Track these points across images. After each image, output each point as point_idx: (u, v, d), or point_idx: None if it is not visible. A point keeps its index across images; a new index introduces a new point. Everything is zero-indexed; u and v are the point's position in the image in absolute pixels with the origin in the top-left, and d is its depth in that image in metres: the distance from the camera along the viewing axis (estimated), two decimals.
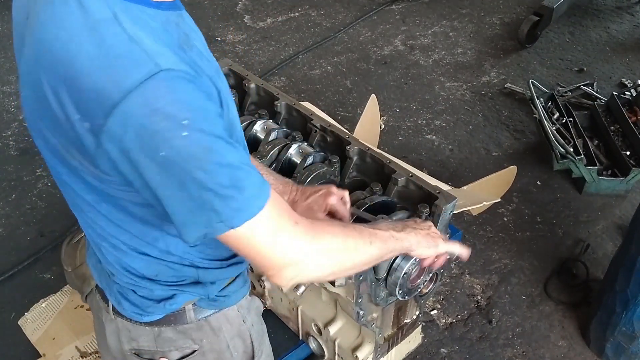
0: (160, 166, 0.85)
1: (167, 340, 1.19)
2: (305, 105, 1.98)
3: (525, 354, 2.41)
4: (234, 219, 0.91)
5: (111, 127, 0.83)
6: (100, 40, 0.84)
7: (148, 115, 0.83)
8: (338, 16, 4.73)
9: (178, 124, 0.84)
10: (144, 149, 0.84)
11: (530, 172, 3.25)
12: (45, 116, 0.91)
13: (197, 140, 0.85)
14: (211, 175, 0.87)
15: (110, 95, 0.83)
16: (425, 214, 1.51)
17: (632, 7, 4.80)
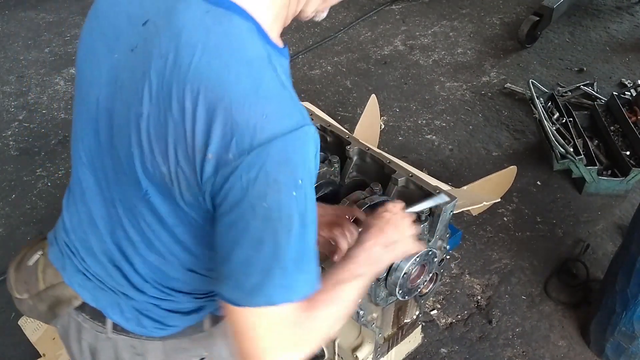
0: (254, 215, 0.85)
1: (179, 351, 1.16)
2: (305, 105, 1.98)
3: (525, 354, 2.41)
4: (278, 295, 0.89)
5: (243, 165, 0.83)
6: (258, 78, 0.84)
7: (279, 164, 0.84)
8: (338, 16, 4.73)
9: (295, 181, 0.85)
10: (252, 193, 0.84)
11: (530, 172, 3.25)
12: (168, 139, 0.88)
13: (299, 204, 0.87)
14: (289, 243, 0.87)
15: (254, 134, 0.82)
16: (425, 214, 1.51)
17: (632, 7, 4.80)
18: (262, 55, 0.86)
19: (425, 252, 1.50)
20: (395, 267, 1.47)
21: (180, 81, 0.85)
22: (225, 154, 0.83)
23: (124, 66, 0.93)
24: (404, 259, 1.47)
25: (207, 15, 0.86)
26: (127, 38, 0.93)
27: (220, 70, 0.84)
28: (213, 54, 0.84)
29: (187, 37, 0.86)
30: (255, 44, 0.86)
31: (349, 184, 1.73)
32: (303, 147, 0.86)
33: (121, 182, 0.98)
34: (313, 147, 0.88)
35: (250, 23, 0.87)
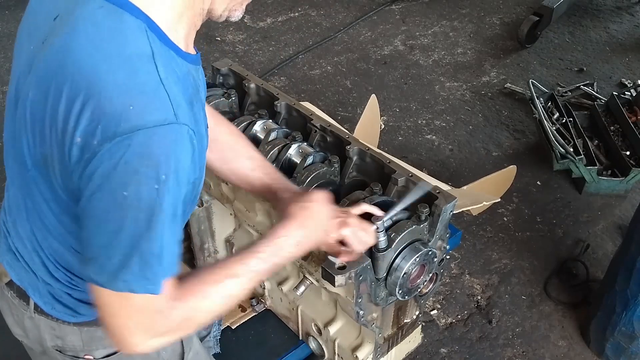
0: (114, 202, 0.88)
1: (95, 339, 1.19)
2: (305, 105, 1.98)
3: (525, 354, 2.41)
4: (139, 286, 0.93)
5: (104, 151, 0.86)
6: (133, 73, 0.88)
7: (140, 156, 0.86)
8: (338, 16, 4.73)
9: (157, 176, 0.88)
10: (113, 180, 0.87)
11: (530, 172, 3.25)
12: (45, 120, 0.92)
13: (161, 198, 0.89)
14: (150, 235, 0.90)
15: (119, 123, 0.85)
16: (425, 214, 1.50)
17: (632, 7, 4.80)
18: (144, 52, 0.89)
19: (425, 252, 1.50)
20: (396, 267, 1.47)
21: (60, 67, 0.90)
22: (91, 140, 0.87)
23: (34, 56, 0.98)
24: (404, 259, 1.47)
25: (99, 10, 0.91)
26: (41, 31, 0.99)
27: (98, 61, 0.88)
28: (94, 45, 0.89)
29: (76, 29, 0.91)
30: (139, 41, 0.90)
31: (349, 184, 1.73)
32: (169, 143, 0.88)
33: (21, 167, 1.03)
34: (183, 147, 0.90)
35: (140, 21, 0.91)
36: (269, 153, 1.69)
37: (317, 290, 1.79)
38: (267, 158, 1.69)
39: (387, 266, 1.47)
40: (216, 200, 1.93)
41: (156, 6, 0.93)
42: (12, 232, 1.15)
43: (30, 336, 1.24)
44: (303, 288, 1.61)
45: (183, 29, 0.99)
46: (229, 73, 2.06)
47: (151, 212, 0.89)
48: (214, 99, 1.88)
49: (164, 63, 0.91)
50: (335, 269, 1.36)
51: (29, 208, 1.07)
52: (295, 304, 1.91)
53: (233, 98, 1.92)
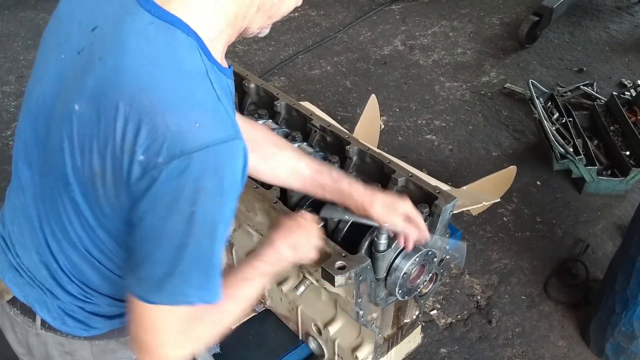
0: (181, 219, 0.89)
1: (107, 352, 1.18)
2: (305, 105, 1.98)
3: (525, 354, 2.41)
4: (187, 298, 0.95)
5: (171, 169, 0.87)
6: (193, 90, 0.89)
7: (208, 172, 0.88)
8: (338, 16, 4.73)
9: (222, 191, 0.90)
10: (182, 197, 0.88)
11: (530, 172, 3.25)
12: (99, 136, 0.91)
13: (223, 211, 0.92)
14: (212, 248, 0.93)
15: (186, 141, 0.86)
16: (425, 214, 1.51)
17: (632, 7, 4.80)
18: (200, 69, 0.91)
19: (425, 252, 1.50)
20: (395, 267, 1.47)
21: (116, 83, 0.89)
22: (156, 158, 0.87)
23: (69, 66, 0.97)
24: (404, 259, 1.47)
25: (150, 26, 0.90)
26: (75, 41, 0.97)
27: (157, 77, 0.88)
28: (151, 62, 0.89)
29: (128, 44, 0.90)
30: (194, 58, 0.91)
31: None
32: (233, 159, 0.91)
33: (50, 177, 1.01)
34: (242, 161, 0.93)
35: (192, 38, 0.91)
36: None
37: (317, 290, 1.79)
38: None
39: (387, 266, 1.47)
40: None
41: (203, 23, 0.93)
42: (17, 245, 1.12)
43: (35, 353, 1.22)
44: (303, 288, 1.62)
45: (221, 45, 0.99)
46: None
47: (215, 227, 0.92)
48: None
49: (215, 79, 0.92)
50: (335, 269, 1.37)
51: (45, 218, 1.05)
52: (295, 304, 1.91)
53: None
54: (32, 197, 1.06)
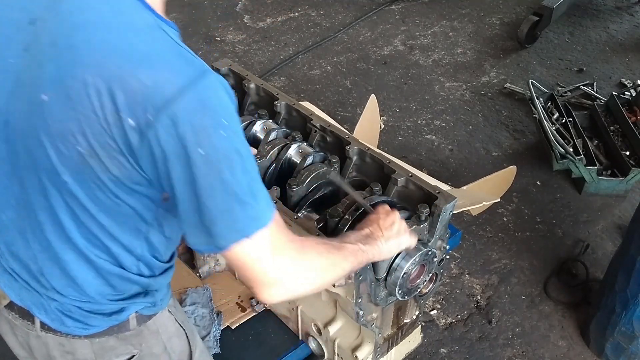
0: (195, 164, 0.90)
1: (107, 349, 1.18)
2: (305, 105, 1.98)
3: (525, 354, 2.41)
4: (249, 227, 0.96)
5: (163, 121, 0.87)
6: (152, 42, 0.91)
7: (199, 112, 0.88)
8: (338, 16, 4.73)
9: (220, 122, 0.91)
10: (187, 144, 0.88)
11: (530, 172, 3.25)
12: (77, 117, 0.90)
13: (231, 141, 0.92)
14: (236, 178, 0.93)
15: (164, 90, 0.87)
16: (425, 214, 1.51)
17: (632, 7, 4.80)
18: (150, 23, 0.92)
19: (425, 252, 1.50)
20: (395, 267, 1.47)
21: (77, 60, 0.89)
22: (144, 116, 0.87)
23: (21, 67, 0.95)
24: (404, 259, 1.47)
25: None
26: (17, 41, 0.96)
27: (114, 41, 0.89)
28: (104, 29, 0.90)
29: (74, 20, 0.91)
30: (141, 15, 0.93)
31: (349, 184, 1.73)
32: (215, 91, 0.92)
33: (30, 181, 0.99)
34: (223, 90, 0.93)
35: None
36: (268, 153, 1.69)
37: None
38: (267, 158, 1.69)
39: (387, 266, 1.47)
40: None
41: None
42: (7, 253, 1.11)
43: (37, 355, 1.21)
44: None
45: (160, 3, 1.01)
46: (229, 73, 2.06)
47: (232, 158, 0.92)
48: None
49: (167, 30, 0.94)
50: None
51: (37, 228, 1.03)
52: (295, 304, 1.91)
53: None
54: (17, 209, 1.04)
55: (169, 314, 1.27)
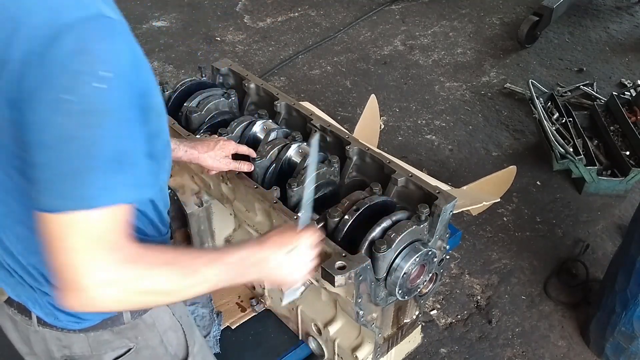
0: (59, 110, 0.82)
1: (103, 343, 1.18)
2: (305, 105, 1.98)
3: (525, 354, 2.41)
4: (95, 198, 0.84)
5: (40, 59, 0.81)
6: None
7: (76, 53, 0.81)
8: (338, 16, 4.73)
9: (97, 73, 0.82)
10: (55, 85, 0.81)
11: (530, 172, 3.25)
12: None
13: (104, 97, 0.83)
14: (98, 140, 0.83)
15: (48, 30, 0.81)
16: (425, 214, 1.51)
17: (632, 7, 4.80)
18: None
19: (425, 252, 1.50)
20: (395, 267, 1.47)
21: None
22: (28, 56, 0.82)
23: None
24: (404, 259, 1.47)
25: None
26: None
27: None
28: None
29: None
30: None
31: (349, 184, 1.73)
32: (104, 37, 0.83)
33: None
34: (120, 41, 0.85)
35: None
36: (268, 153, 1.69)
37: (317, 290, 1.79)
38: (267, 158, 1.69)
39: (387, 266, 1.47)
40: (216, 200, 1.93)
41: None
42: (1, 249, 1.10)
43: (37, 351, 1.22)
44: (303, 288, 1.61)
45: None
46: (229, 73, 2.06)
47: (97, 114, 0.83)
48: (214, 99, 1.88)
49: None
50: (335, 269, 1.37)
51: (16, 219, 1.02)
52: (295, 304, 1.91)
53: (233, 98, 1.92)
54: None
55: (166, 308, 1.27)
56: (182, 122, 1.85)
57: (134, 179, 0.89)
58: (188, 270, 0.98)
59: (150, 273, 0.93)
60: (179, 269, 0.97)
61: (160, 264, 0.95)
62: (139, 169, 0.90)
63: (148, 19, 4.65)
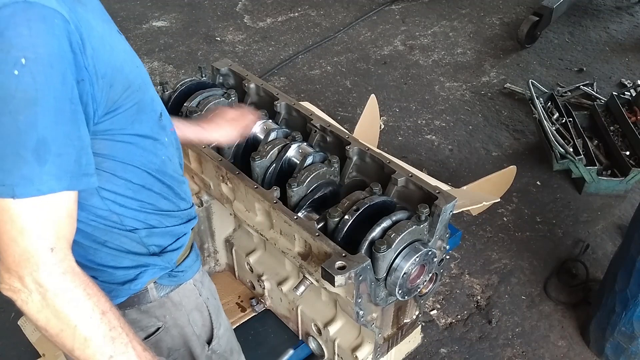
0: None
1: (131, 322, 1.16)
2: (304, 105, 1.98)
3: (525, 354, 2.41)
4: (18, 187, 0.82)
5: None
6: None
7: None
8: (338, 16, 4.73)
9: (14, 59, 0.80)
10: None
11: (530, 172, 3.25)
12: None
13: (25, 84, 0.81)
14: (19, 128, 0.81)
15: None
16: (425, 214, 1.51)
17: (632, 7, 4.80)
18: None
19: (425, 252, 1.50)
20: (395, 267, 1.47)
21: None
22: None
23: None
24: (404, 259, 1.47)
25: None
26: None
27: None
28: None
29: None
30: None
31: (349, 184, 1.73)
32: (24, 22, 0.81)
33: None
34: (43, 27, 0.82)
35: None
36: (268, 153, 1.69)
37: (317, 290, 1.79)
38: (267, 158, 1.69)
39: (387, 266, 1.47)
40: (216, 200, 1.93)
41: None
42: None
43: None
44: (303, 288, 1.62)
45: None
46: (229, 73, 2.06)
47: (14, 101, 0.81)
48: (214, 99, 1.88)
49: None
50: (335, 269, 1.37)
51: None
52: (295, 304, 1.91)
53: (233, 98, 1.92)
54: None
55: (193, 287, 1.28)
56: None
57: (57, 170, 0.86)
58: (114, 332, 0.94)
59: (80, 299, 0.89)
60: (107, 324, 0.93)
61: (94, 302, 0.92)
62: (66, 159, 0.87)
63: (148, 19, 4.65)
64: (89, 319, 0.91)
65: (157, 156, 1.12)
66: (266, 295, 2.05)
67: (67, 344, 0.91)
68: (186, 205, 1.24)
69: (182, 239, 1.23)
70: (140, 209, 1.12)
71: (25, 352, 2.28)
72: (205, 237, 2.08)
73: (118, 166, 1.04)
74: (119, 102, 0.99)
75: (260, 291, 2.07)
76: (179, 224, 1.21)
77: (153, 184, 1.13)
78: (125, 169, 1.06)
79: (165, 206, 1.17)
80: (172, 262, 1.20)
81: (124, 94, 1.00)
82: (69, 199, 0.89)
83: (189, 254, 1.27)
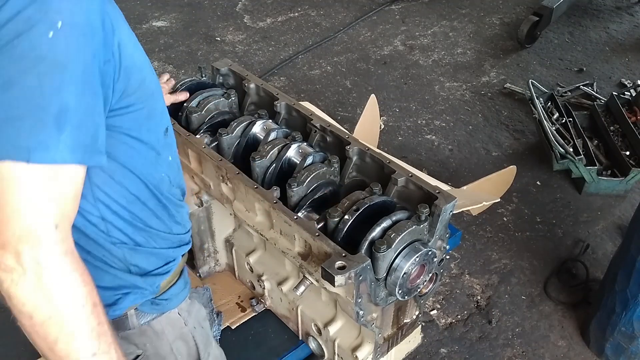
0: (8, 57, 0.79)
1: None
2: (304, 105, 1.98)
3: (525, 354, 2.41)
4: (34, 151, 0.79)
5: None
6: None
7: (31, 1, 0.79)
8: (338, 16, 4.73)
9: (51, 21, 0.79)
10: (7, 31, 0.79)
11: (530, 172, 3.25)
12: None
13: (57, 48, 0.80)
14: (44, 92, 0.79)
15: None
16: (425, 214, 1.51)
17: (632, 7, 4.80)
18: None
19: (425, 252, 1.50)
20: (395, 267, 1.47)
21: None
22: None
23: None
24: (404, 259, 1.47)
25: None
26: None
27: None
28: None
29: None
30: None
31: (349, 184, 1.73)
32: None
33: None
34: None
35: None
36: (268, 153, 1.69)
37: (317, 290, 1.79)
38: (267, 158, 1.69)
39: (387, 266, 1.47)
40: (216, 200, 1.93)
41: None
42: None
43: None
44: (303, 288, 1.61)
45: None
46: (229, 73, 2.06)
47: (43, 63, 0.80)
48: (213, 99, 1.88)
49: None
50: (335, 269, 1.37)
51: None
52: (295, 304, 1.91)
53: (233, 98, 1.92)
54: None
55: (178, 317, 1.25)
56: (182, 122, 1.85)
57: (73, 142, 0.82)
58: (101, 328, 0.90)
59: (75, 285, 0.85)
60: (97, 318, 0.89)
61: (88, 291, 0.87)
62: (84, 131, 0.84)
63: (148, 19, 4.65)
64: (81, 308, 0.86)
65: (158, 172, 1.10)
66: (266, 295, 2.05)
67: (51, 334, 0.84)
68: (180, 230, 1.20)
69: (170, 264, 1.18)
70: (130, 220, 1.08)
71: (25, 351, 2.28)
72: (205, 237, 2.08)
73: (118, 169, 1.02)
74: (132, 99, 0.98)
75: (260, 291, 2.07)
76: (167, 247, 1.17)
77: (148, 198, 1.10)
78: (124, 174, 1.04)
79: (156, 225, 1.13)
80: (154, 286, 1.15)
81: (138, 92, 0.99)
82: (78, 175, 0.86)
83: (176, 281, 1.23)
